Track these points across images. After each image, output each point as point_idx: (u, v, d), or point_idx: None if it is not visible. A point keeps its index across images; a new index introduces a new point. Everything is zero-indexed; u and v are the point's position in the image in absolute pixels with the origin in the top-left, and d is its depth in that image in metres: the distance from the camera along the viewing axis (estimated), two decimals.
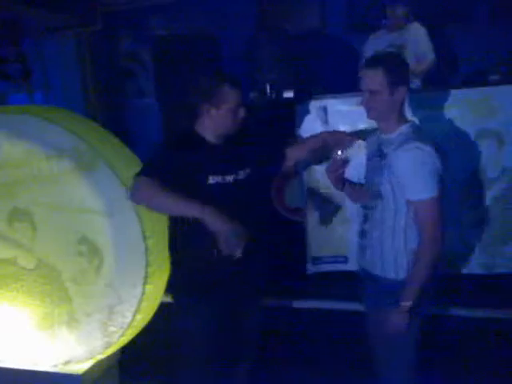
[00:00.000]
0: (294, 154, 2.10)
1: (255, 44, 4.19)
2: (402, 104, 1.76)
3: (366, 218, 1.87)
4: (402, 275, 1.75)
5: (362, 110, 1.81)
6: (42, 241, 2.28)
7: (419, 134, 1.74)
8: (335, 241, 2.96)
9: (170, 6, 4.84)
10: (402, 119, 1.79)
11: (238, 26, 4.46)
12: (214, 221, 1.69)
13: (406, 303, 1.68)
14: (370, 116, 1.78)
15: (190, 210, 1.73)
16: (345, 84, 3.11)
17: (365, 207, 1.89)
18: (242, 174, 1.93)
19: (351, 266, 2.90)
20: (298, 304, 2.85)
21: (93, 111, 4.92)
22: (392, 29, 3.51)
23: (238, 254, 1.72)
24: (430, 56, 3.50)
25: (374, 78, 1.69)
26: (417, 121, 1.97)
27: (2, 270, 2.39)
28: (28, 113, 2.33)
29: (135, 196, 1.82)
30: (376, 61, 1.73)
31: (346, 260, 2.96)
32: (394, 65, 1.72)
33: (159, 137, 4.07)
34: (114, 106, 5.22)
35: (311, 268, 3.00)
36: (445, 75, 3.79)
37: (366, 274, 1.90)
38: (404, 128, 1.76)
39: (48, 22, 5.03)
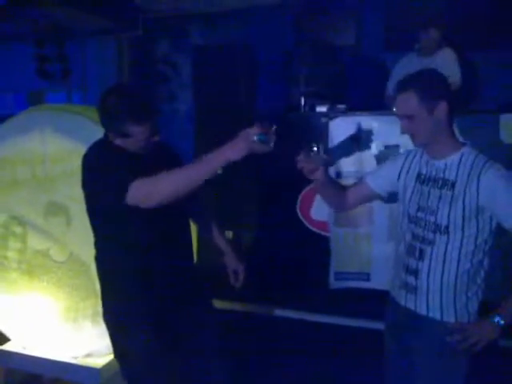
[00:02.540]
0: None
1: (291, 58, 4.23)
2: (450, 123, 1.60)
3: (421, 254, 1.64)
4: (461, 319, 1.62)
5: (395, 127, 1.74)
6: (75, 235, 2.36)
7: (486, 157, 1.59)
8: (358, 257, 2.94)
9: (209, 16, 4.96)
10: (456, 141, 1.64)
11: (275, 40, 4.54)
12: (236, 150, 1.47)
13: (503, 320, 1.54)
14: (417, 143, 1.64)
15: (206, 170, 1.50)
16: (379, 102, 3.15)
17: (421, 240, 1.65)
18: None
19: (373, 283, 2.89)
20: (318, 318, 2.84)
21: None
22: (424, 53, 3.53)
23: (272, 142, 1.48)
24: (457, 79, 3.49)
25: (407, 102, 1.56)
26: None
27: (35, 260, 2.48)
28: (73, 112, 2.44)
29: (145, 197, 1.53)
30: (406, 83, 1.60)
31: (368, 277, 2.93)
32: (426, 82, 1.59)
33: (189, 141, 4.12)
34: None
35: (333, 283, 2.99)
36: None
37: (410, 315, 1.69)
38: (467, 151, 1.60)
39: (91, 26, 5.20)
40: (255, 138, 1.44)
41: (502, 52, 4.01)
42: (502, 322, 1.55)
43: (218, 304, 2.02)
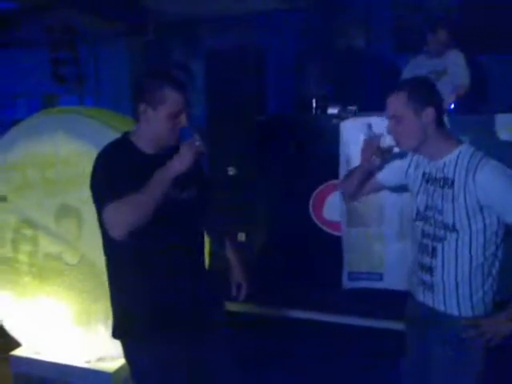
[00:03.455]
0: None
1: (302, 61, 4.23)
2: (439, 125, 1.62)
3: (434, 252, 1.66)
4: (478, 313, 1.63)
5: None
6: (87, 237, 2.35)
7: (482, 153, 1.60)
8: (371, 257, 2.95)
9: (220, 19, 4.97)
10: (452, 141, 1.65)
11: (285, 43, 4.54)
12: (183, 160, 1.51)
13: None
14: (402, 146, 1.68)
15: (162, 185, 1.50)
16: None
17: (432, 238, 1.67)
18: (186, 194, 1.68)
19: (386, 283, 2.89)
20: (332, 319, 2.83)
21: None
22: (433, 54, 3.56)
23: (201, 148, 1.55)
24: (467, 82, 3.50)
25: (396, 103, 1.62)
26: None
27: (47, 263, 2.48)
28: (85, 114, 2.45)
29: (114, 230, 1.49)
30: (398, 87, 1.66)
31: (381, 277, 2.93)
32: (416, 87, 1.63)
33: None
34: None
35: (347, 283, 2.98)
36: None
37: (429, 311, 1.71)
38: (464, 149, 1.62)
39: (104, 30, 5.25)
40: (197, 142, 1.55)
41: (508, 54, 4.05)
42: None
43: (229, 306, 2.00)
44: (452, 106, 3.36)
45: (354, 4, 4.59)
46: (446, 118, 1.72)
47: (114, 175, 1.54)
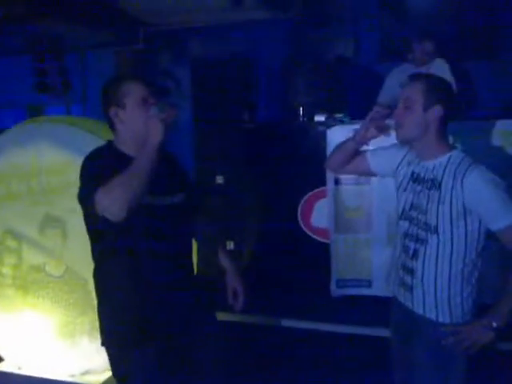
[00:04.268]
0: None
1: (289, 69, 4.26)
2: (441, 127, 1.63)
3: (415, 253, 1.67)
4: (456, 320, 1.63)
5: (393, 135, 1.73)
6: (72, 249, 2.32)
7: (472, 159, 1.61)
8: (359, 264, 2.97)
9: (209, 29, 4.99)
10: (446, 145, 1.67)
11: (273, 51, 4.57)
12: (154, 135, 1.51)
13: (496, 322, 1.53)
14: (400, 136, 1.66)
15: (146, 163, 1.49)
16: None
17: (414, 239, 1.68)
18: (173, 199, 1.69)
19: (375, 290, 2.90)
20: (322, 327, 2.81)
21: None
22: (417, 63, 3.60)
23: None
24: (454, 90, 3.56)
25: (411, 91, 1.64)
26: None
27: (30, 276, 2.44)
28: (69, 123, 2.43)
29: (111, 210, 1.45)
30: (417, 76, 1.71)
31: (369, 284, 2.94)
32: (434, 83, 1.66)
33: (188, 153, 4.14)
34: None
35: (335, 291, 2.99)
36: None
37: (409, 314, 1.71)
38: (455, 153, 1.64)
39: (90, 39, 5.22)
40: (153, 111, 1.56)
41: (493, 61, 4.14)
42: (495, 325, 1.54)
43: (219, 316, 1.98)
44: None
45: (341, 14, 4.64)
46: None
47: (101, 175, 1.51)
